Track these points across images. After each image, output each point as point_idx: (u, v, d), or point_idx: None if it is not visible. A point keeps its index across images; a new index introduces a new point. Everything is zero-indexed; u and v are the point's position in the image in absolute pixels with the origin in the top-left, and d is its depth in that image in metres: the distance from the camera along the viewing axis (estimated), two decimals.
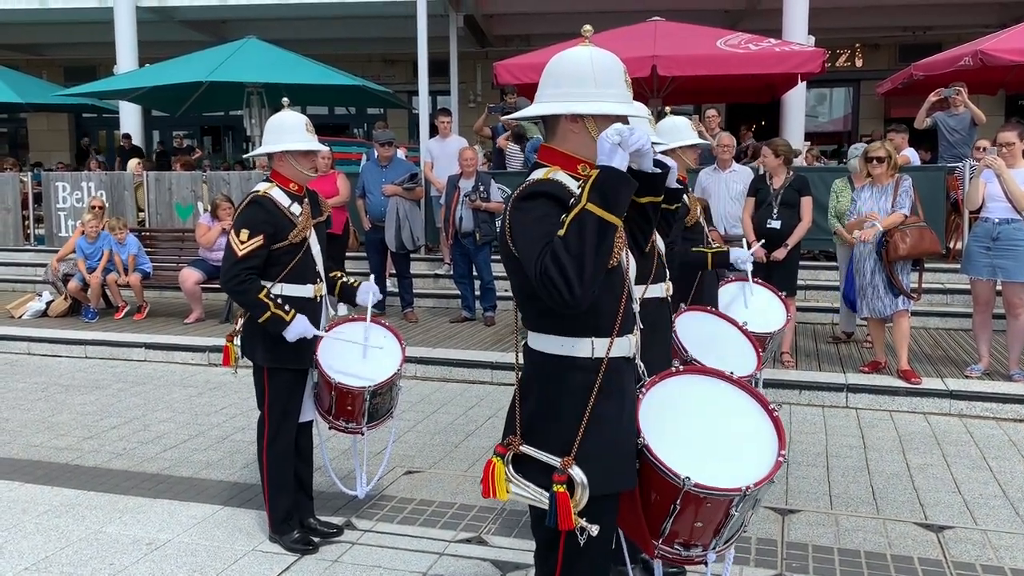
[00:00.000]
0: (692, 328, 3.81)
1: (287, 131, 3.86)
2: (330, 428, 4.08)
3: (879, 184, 6.41)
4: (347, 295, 4.11)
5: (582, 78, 2.17)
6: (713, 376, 2.44)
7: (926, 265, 6.66)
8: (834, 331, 8.24)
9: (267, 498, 3.97)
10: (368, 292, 4.05)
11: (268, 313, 3.72)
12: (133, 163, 13.16)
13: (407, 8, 12.91)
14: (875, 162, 6.35)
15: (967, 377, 6.49)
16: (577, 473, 2.11)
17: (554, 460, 2.14)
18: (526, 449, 2.19)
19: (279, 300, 3.77)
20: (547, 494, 2.12)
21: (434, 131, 10.52)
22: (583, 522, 2.11)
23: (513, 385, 2.29)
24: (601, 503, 2.16)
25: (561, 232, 2.03)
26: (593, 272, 2.02)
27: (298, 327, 3.77)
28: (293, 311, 3.77)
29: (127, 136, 14.58)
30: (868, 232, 6.23)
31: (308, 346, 3.86)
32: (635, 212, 2.45)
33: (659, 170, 2.35)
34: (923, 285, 6.57)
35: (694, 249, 4.22)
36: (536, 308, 2.22)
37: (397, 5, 14.16)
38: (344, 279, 4.14)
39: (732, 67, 10.01)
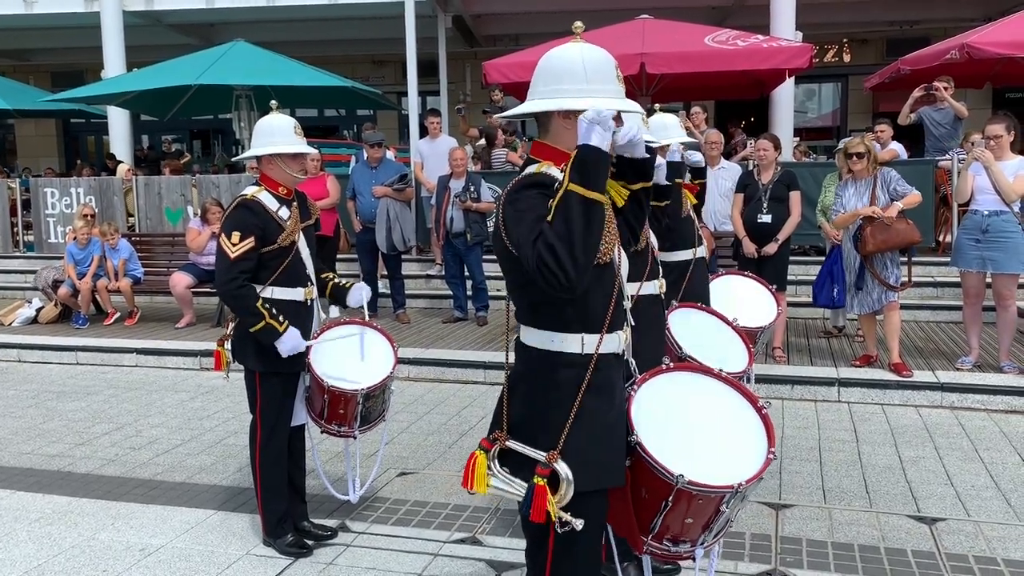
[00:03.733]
0: (685, 325, 3.81)
1: (276, 134, 3.85)
2: (322, 432, 4.08)
3: (860, 179, 6.43)
4: (338, 296, 4.11)
5: (573, 74, 2.18)
6: (703, 373, 2.45)
7: (916, 258, 6.67)
8: (825, 325, 8.27)
9: (260, 502, 3.96)
10: (359, 292, 4.06)
11: (263, 323, 3.70)
12: (122, 168, 13.12)
13: (395, 9, 12.89)
14: (855, 158, 6.38)
15: (958, 369, 6.52)
16: (562, 468, 2.11)
17: (540, 455, 2.15)
18: (512, 444, 2.20)
19: (271, 307, 3.75)
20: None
21: (424, 132, 10.51)
22: (567, 516, 2.11)
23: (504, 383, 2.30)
24: (588, 499, 2.17)
25: (549, 217, 2.07)
26: (584, 252, 2.05)
27: (291, 341, 3.75)
28: (286, 323, 3.76)
29: (111, 156, 14.54)
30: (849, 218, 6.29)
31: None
32: (628, 200, 2.46)
33: (649, 155, 2.39)
34: (913, 278, 6.58)
35: None
36: (528, 301, 2.23)
37: (385, 6, 14.13)
38: (336, 280, 4.15)
39: (720, 64, 10.02)
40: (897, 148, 9.95)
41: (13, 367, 8.21)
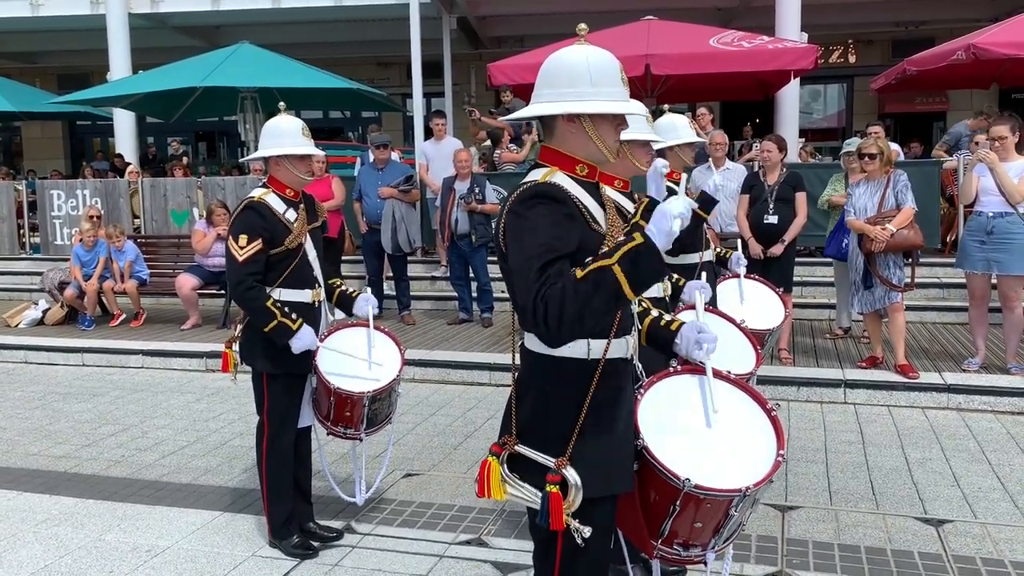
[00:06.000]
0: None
1: (284, 135, 3.85)
2: (328, 434, 4.08)
3: (873, 179, 6.43)
4: (344, 304, 4.11)
5: (578, 77, 2.16)
6: (711, 376, 2.43)
7: (922, 259, 6.67)
8: (831, 327, 8.26)
9: (266, 503, 3.97)
10: (366, 304, 4.04)
11: (275, 322, 3.71)
12: (128, 169, 13.15)
13: (400, 11, 12.91)
14: (867, 158, 6.38)
15: (964, 371, 6.50)
16: (571, 474, 2.11)
17: (549, 461, 2.14)
18: (521, 449, 2.19)
19: (283, 307, 3.76)
20: (540, 494, 2.12)
21: (429, 133, 10.52)
22: (575, 523, 2.10)
23: (511, 386, 2.29)
24: (597, 504, 2.16)
25: (579, 273, 1.99)
26: (583, 327, 2.02)
27: (304, 339, 3.77)
28: (300, 320, 3.77)
29: (119, 156, 14.60)
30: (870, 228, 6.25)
31: (307, 351, 3.86)
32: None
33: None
34: (919, 279, 6.58)
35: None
36: None
37: (390, 8, 14.16)
38: (342, 288, 4.14)
39: (726, 65, 10.03)
40: (895, 148, 9.94)
41: (20, 368, 8.23)
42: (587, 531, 2.11)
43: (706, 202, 4.18)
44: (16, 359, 8.48)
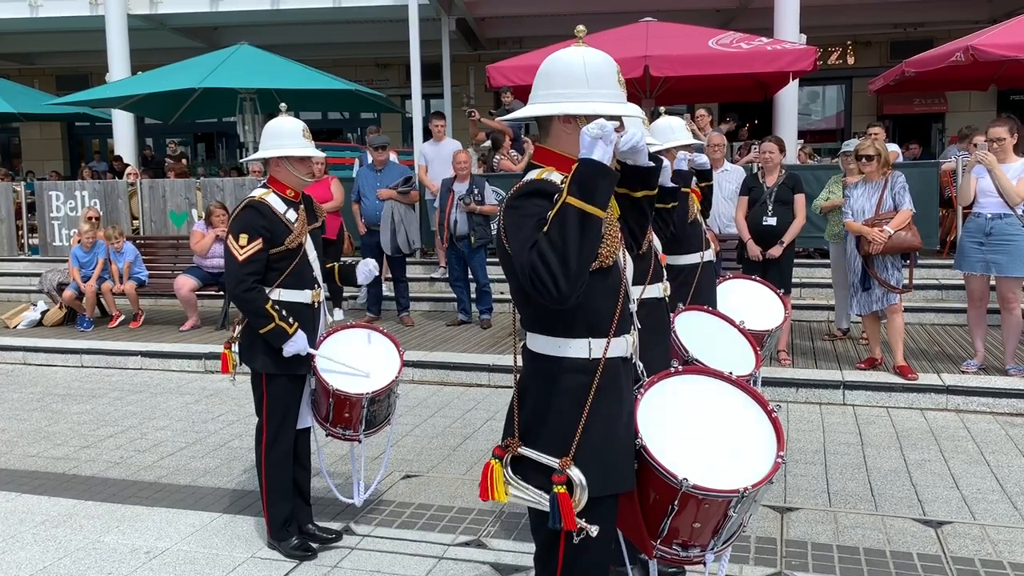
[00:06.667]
0: (691, 328, 3.81)
1: (285, 136, 3.86)
2: (327, 435, 4.08)
3: (870, 181, 6.44)
4: (348, 277, 4.13)
5: (575, 79, 2.17)
6: (712, 376, 2.44)
7: (921, 261, 6.67)
8: (830, 328, 8.26)
9: (265, 504, 3.96)
10: (366, 267, 4.06)
11: (273, 324, 3.71)
12: (127, 169, 13.14)
13: (399, 12, 12.92)
14: (865, 160, 6.39)
15: (963, 372, 6.50)
16: (576, 474, 2.11)
17: (552, 461, 2.14)
18: (524, 451, 2.19)
19: (281, 309, 3.76)
20: (547, 496, 2.12)
21: (428, 135, 10.52)
22: (583, 523, 2.10)
23: (510, 387, 2.30)
24: (600, 504, 2.16)
25: (545, 228, 2.05)
26: (578, 266, 2.02)
27: (298, 343, 3.77)
28: (296, 325, 3.78)
29: (118, 158, 14.60)
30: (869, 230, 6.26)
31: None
32: (631, 207, 2.47)
33: (653, 164, 2.39)
34: (917, 281, 6.58)
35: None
36: (533, 309, 2.23)
37: (389, 9, 14.17)
38: (341, 263, 4.17)
39: (724, 66, 10.03)
40: (895, 149, 9.95)
41: (18, 370, 8.23)
42: (594, 530, 2.11)
43: (700, 174, 4.25)
44: (15, 360, 8.47)
